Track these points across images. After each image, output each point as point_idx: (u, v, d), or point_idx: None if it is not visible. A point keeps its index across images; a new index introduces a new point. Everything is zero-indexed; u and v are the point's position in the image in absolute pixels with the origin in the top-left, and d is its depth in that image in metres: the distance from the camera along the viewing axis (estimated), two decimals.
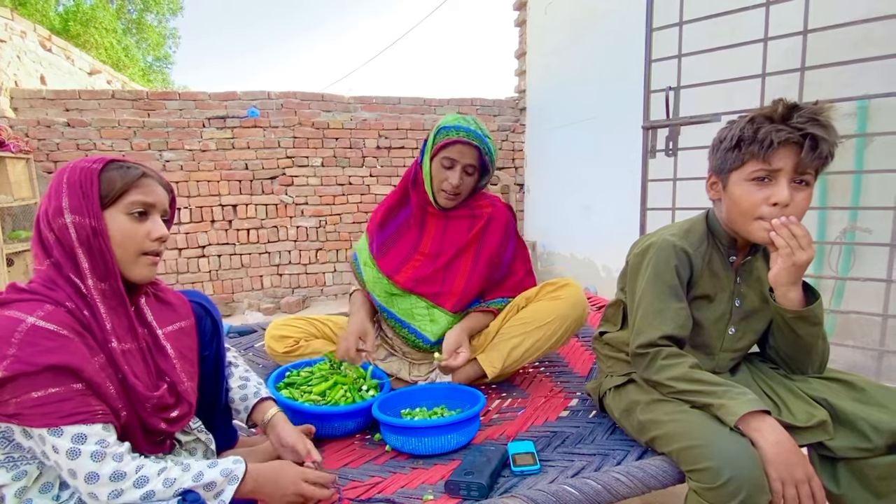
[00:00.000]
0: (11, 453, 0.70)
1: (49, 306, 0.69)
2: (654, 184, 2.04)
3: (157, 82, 11.43)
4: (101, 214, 0.73)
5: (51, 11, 8.46)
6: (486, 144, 1.30)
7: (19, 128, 3.33)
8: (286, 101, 3.88)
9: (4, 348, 0.64)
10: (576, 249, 3.64)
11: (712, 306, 1.01)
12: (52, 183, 0.74)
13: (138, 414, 0.76)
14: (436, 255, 1.38)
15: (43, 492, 0.72)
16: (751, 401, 0.84)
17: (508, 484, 0.91)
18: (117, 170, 0.75)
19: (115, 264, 0.74)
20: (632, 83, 2.40)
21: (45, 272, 0.73)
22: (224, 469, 0.74)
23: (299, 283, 3.93)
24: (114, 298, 0.75)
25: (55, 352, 0.66)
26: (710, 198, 1.01)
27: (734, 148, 0.90)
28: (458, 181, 1.30)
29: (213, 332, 0.94)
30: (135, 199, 0.75)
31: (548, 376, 1.48)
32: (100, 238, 0.72)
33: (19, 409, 0.65)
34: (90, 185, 0.73)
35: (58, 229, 0.72)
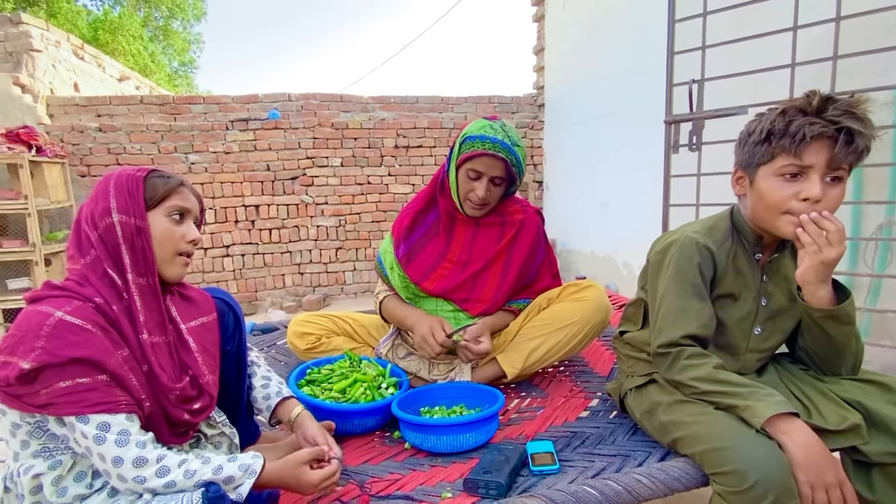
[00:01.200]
0: (47, 444, 0.74)
1: (77, 302, 0.72)
2: (676, 179, 1.99)
3: (182, 87, 11.74)
4: (146, 215, 0.79)
5: (81, 21, 8.78)
6: (513, 155, 1.23)
7: (55, 134, 3.47)
8: (306, 103, 3.94)
9: (33, 341, 0.68)
10: (596, 247, 3.59)
11: (737, 305, 0.98)
12: (97, 188, 0.80)
13: (162, 405, 0.79)
14: (465, 264, 1.35)
15: (77, 480, 0.75)
16: (778, 402, 0.82)
17: (527, 483, 0.90)
18: (159, 178, 0.82)
19: (154, 262, 0.79)
20: (653, 77, 2.35)
21: (80, 270, 0.76)
22: (242, 464, 0.76)
23: (320, 281, 3.99)
24: (149, 294, 0.79)
25: (79, 345, 0.69)
26: (736, 193, 0.97)
27: (763, 141, 0.86)
28: (484, 193, 1.26)
29: (235, 328, 0.97)
30: (174, 203, 0.82)
31: (567, 376, 1.46)
32: (143, 237, 0.78)
33: (50, 399, 0.68)
34: (136, 189, 0.79)
35: (103, 228, 0.77)
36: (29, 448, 0.73)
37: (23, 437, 0.73)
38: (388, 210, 4.00)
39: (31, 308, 0.71)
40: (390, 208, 4.00)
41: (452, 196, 1.32)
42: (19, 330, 0.69)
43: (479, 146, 1.22)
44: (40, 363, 0.67)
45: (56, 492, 0.74)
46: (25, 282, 3.11)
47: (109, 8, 9.83)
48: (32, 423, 0.73)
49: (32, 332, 0.68)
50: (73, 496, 0.75)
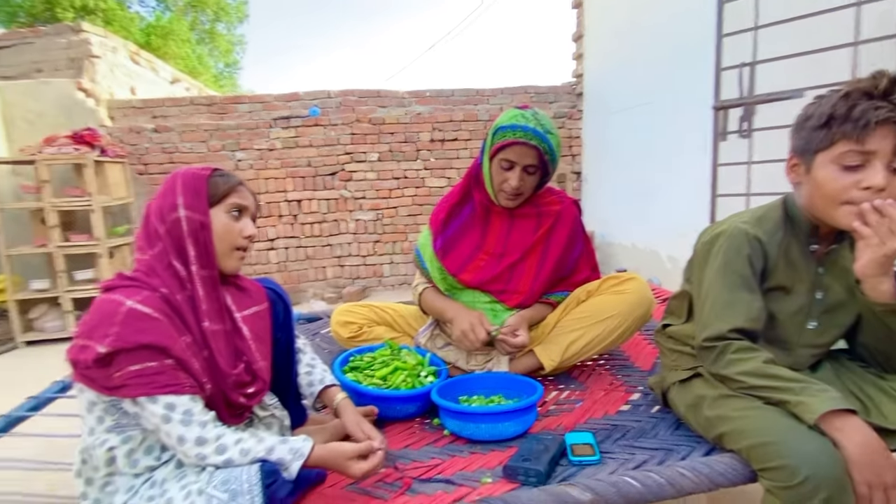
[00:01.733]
0: (120, 420, 0.81)
1: (146, 292, 0.79)
2: (724, 168, 1.91)
3: (227, 87, 12.23)
4: (209, 212, 0.85)
5: (134, 27, 9.29)
6: (546, 143, 1.22)
7: (115, 135, 3.71)
8: (344, 99, 4.02)
9: (108, 327, 0.74)
10: (637, 239, 3.49)
11: (789, 298, 0.94)
12: (165, 184, 0.86)
13: (220, 388, 0.84)
14: (501, 255, 1.35)
15: (147, 453, 0.82)
16: (833, 398, 0.78)
17: (567, 473, 0.91)
18: (220, 176, 0.88)
19: (214, 255, 0.85)
20: (699, 61, 2.25)
21: (147, 261, 0.83)
22: (293, 447, 0.81)
23: (359, 273, 4.09)
24: (210, 284, 0.85)
25: (148, 332, 0.75)
26: (791, 181, 0.92)
27: (823, 126, 0.81)
28: (517, 183, 1.25)
29: (285, 317, 1.03)
30: (234, 201, 0.87)
31: (608, 370, 1.45)
32: (206, 231, 0.84)
33: (123, 382, 0.75)
34: (201, 187, 0.85)
35: (171, 222, 0.83)
36: (103, 423, 0.81)
37: (98, 414, 0.80)
38: (423, 203, 4.04)
39: (106, 297, 0.78)
40: (426, 202, 4.04)
41: (487, 188, 1.32)
42: (95, 317, 0.76)
43: (511, 135, 1.21)
44: (114, 348, 0.73)
45: (128, 463, 0.81)
46: (91, 273, 3.35)
47: (160, 13, 10.35)
48: (107, 402, 0.80)
49: (107, 319, 0.75)
50: (143, 467, 0.82)
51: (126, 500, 0.80)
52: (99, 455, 0.80)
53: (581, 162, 4.19)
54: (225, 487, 0.74)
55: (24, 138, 3.57)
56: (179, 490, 0.76)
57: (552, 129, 1.24)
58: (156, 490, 0.79)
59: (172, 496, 0.76)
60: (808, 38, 1.68)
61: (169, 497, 0.76)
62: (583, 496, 0.80)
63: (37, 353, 3.14)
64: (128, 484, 0.81)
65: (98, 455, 0.80)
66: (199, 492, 0.74)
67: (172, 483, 0.79)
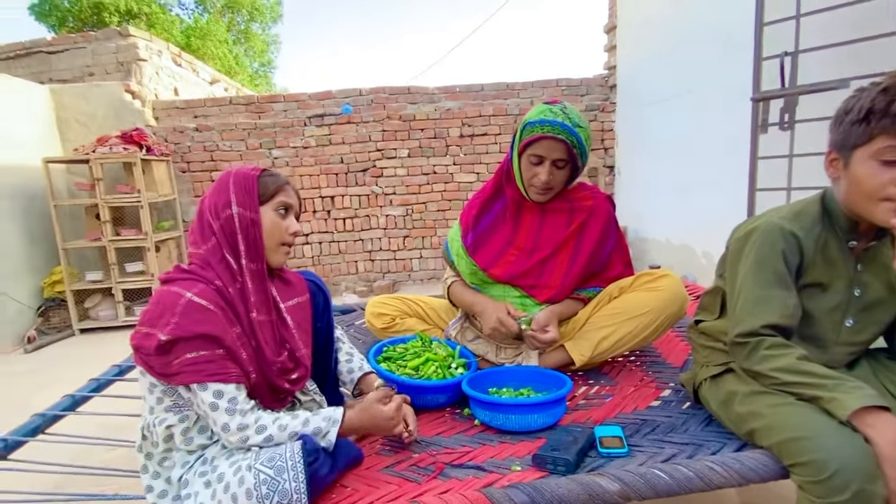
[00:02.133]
0: (177, 401, 0.88)
1: (202, 285, 0.85)
2: (764, 161, 1.85)
3: (263, 86, 12.56)
4: (259, 210, 0.90)
5: (175, 30, 9.67)
6: (574, 136, 1.22)
7: (160, 134, 3.91)
8: (376, 97, 4.09)
9: (169, 317, 0.81)
10: (672, 235, 3.41)
11: (826, 296, 0.92)
12: (219, 183, 0.92)
13: (266, 375, 0.91)
14: (531, 251, 1.36)
15: (200, 432, 0.90)
16: (866, 395, 0.77)
17: (595, 464, 0.92)
18: (269, 176, 0.94)
19: (263, 250, 0.91)
20: (737, 51, 2.18)
21: (202, 255, 0.89)
22: (325, 416, 0.88)
23: (389, 268, 4.16)
24: (258, 277, 0.91)
25: (204, 323, 0.82)
26: (829, 176, 0.90)
27: (862, 121, 0.80)
28: (547, 177, 1.26)
29: (325, 307, 1.09)
30: (281, 199, 0.93)
31: (638, 366, 1.44)
32: (256, 228, 0.90)
33: (179, 369, 0.82)
34: (252, 186, 0.91)
35: (224, 219, 0.89)
36: (163, 404, 0.88)
37: (158, 395, 0.88)
38: (452, 199, 4.07)
39: (166, 288, 0.85)
40: (455, 197, 4.07)
41: (517, 183, 1.33)
42: (157, 307, 0.83)
43: (539, 130, 1.22)
44: (174, 336, 0.80)
45: (184, 441, 0.88)
46: (140, 266, 3.55)
47: (199, 15, 10.73)
48: (166, 385, 0.87)
49: (168, 309, 0.82)
50: (197, 445, 0.89)
51: (181, 475, 0.88)
52: (158, 432, 0.87)
53: (614, 156, 4.12)
54: (271, 464, 0.80)
55: (78, 139, 3.81)
56: (229, 466, 0.83)
57: (581, 123, 1.24)
58: (208, 466, 0.86)
59: (223, 471, 0.82)
60: (853, 27, 1.60)
61: (220, 472, 0.83)
62: (611, 486, 0.81)
63: (92, 340, 3.36)
64: (183, 459, 0.89)
65: (158, 432, 0.87)
66: (248, 468, 0.81)
67: (222, 460, 0.86)
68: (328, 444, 0.86)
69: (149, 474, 0.90)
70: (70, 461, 1.20)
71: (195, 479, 0.85)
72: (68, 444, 1.21)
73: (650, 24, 3.48)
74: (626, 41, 3.87)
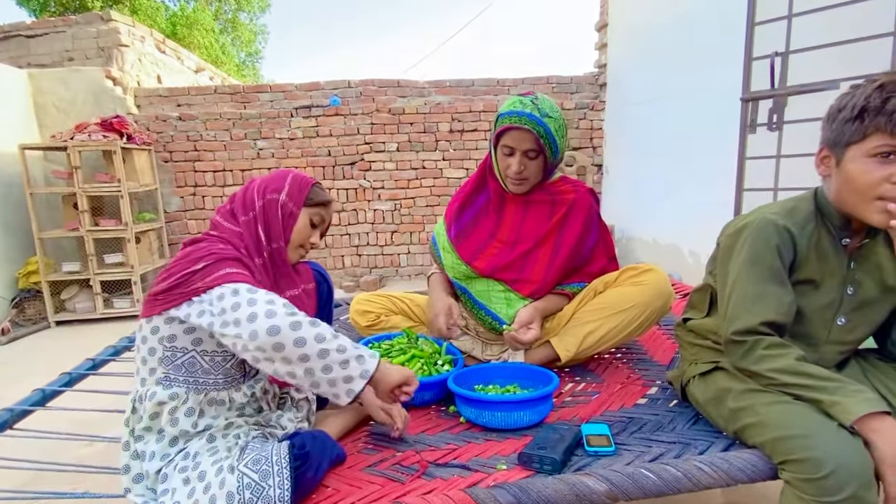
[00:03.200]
0: (169, 373, 0.86)
1: (230, 246, 0.90)
2: (752, 161, 1.86)
3: (250, 76, 12.35)
4: (301, 208, 0.99)
5: (160, 17, 9.44)
6: (542, 126, 1.22)
7: (141, 122, 3.80)
8: (364, 89, 4.03)
9: (201, 257, 0.84)
10: (659, 234, 3.43)
11: (818, 293, 0.91)
12: (276, 174, 1.01)
13: None
14: (514, 243, 1.36)
15: (186, 415, 0.86)
16: (870, 400, 0.77)
17: (582, 463, 0.91)
18: (321, 190, 1.04)
19: (287, 238, 0.98)
20: (728, 51, 2.18)
21: (233, 229, 0.94)
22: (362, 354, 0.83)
23: (376, 263, 4.12)
24: (278, 256, 0.97)
25: (233, 261, 0.87)
26: (820, 174, 0.90)
27: (856, 118, 0.79)
28: (518, 167, 1.26)
29: (328, 298, 1.12)
30: (318, 211, 1.02)
31: (625, 363, 1.44)
32: (292, 219, 0.98)
33: (214, 279, 0.81)
34: (305, 187, 1.00)
35: (269, 200, 0.96)
36: (154, 375, 0.86)
37: (152, 366, 0.86)
38: (441, 194, 4.04)
39: (194, 246, 0.88)
40: (444, 192, 4.04)
41: (497, 175, 1.34)
42: (185, 259, 0.84)
43: (507, 121, 1.23)
44: (213, 260, 0.84)
45: (170, 421, 0.85)
46: (119, 257, 3.46)
47: (185, 3, 10.49)
48: (168, 347, 0.85)
49: (197, 258, 0.83)
50: (180, 430, 0.85)
51: (160, 467, 0.84)
52: (147, 407, 0.85)
53: (602, 154, 4.13)
54: (256, 468, 0.77)
55: (56, 125, 3.69)
56: (212, 465, 0.80)
57: (551, 114, 1.24)
58: (189, 461, 0.83)
59: (205, 469, 0.79)
60: (844, 28, 1.61)
61: (202, 470, 0.79)
62: (598, 486, 0.80)
63: (68, 333, 3.27)
64: (162, 451, 0.85)
65: (146, 407, 0.85)
66: (230, 468, 0.77)
67: (205, 456, 0.82)
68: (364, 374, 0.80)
69: (129, 452, 0.86)
70: (39, 458, 1.15)
71: (174, 475, 0.81)
72: (38, 439, 1.17)
73: (641, 22, 3.49)
74: (617, 40, 3.88)
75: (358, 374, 0.80)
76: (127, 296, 3.51)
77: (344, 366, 0.79)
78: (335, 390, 0.79)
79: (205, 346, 0.86)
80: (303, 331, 0.76)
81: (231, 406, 0.91)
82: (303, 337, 0.76)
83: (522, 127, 1.22)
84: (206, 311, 0.80)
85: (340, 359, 0.79)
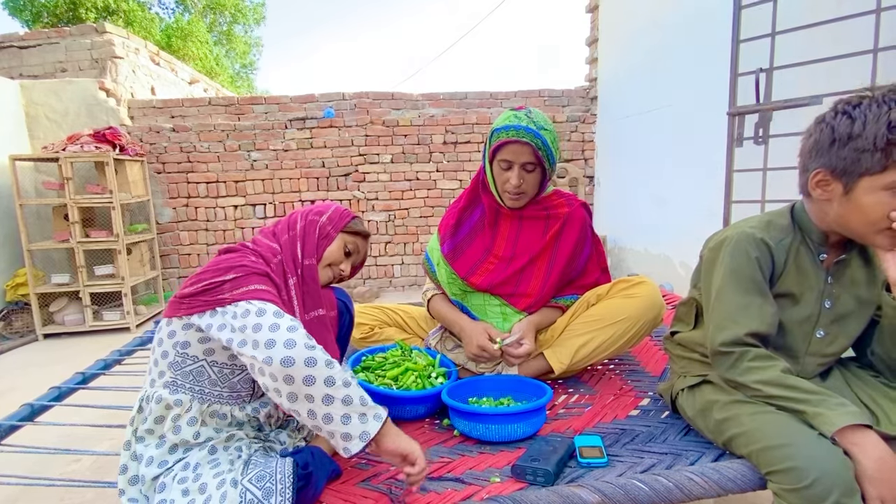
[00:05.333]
0: (177, 378, 0.86)
1: (262, 259, 0.93)
2: (740, 174, 1.90)
3: (244, 88, 12.39)
4: (337, 234, 1.05)
5: (155, 29, 9.47)
6: (539, 139, 1.22)
7: (135, 134, 3.80)
8: (359, 101, 4.07)
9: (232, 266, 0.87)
10: (650, 245, 3.47)
11: (797, 307, 0.93)
12: (323, 204, 1.10)
13: None
14: (510, 259, 1.37)
15: (189, 424, 0.86)
16: (852, 412, 0.78)
17: (575, 474, 0.91)
18: (359, 223, 1.11)
19: (319, 256, 1.03)
20: (714, 66, 2.24)
21: (273, 246, 0.98)
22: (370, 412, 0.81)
23: (370, 274, 4.12)
24: (309, 274, 1.00)
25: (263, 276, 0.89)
26: (817, 196, 0.88)
27: (877, 150, 0.76)
28: (517, 181, 1.27)
29: (348, 328, 1.13)
30: (354, 240, 1.08)
31: (618, 374, 1.45)
32: (327, 241, 1.04)
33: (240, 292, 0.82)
34: (346, 217, 1.08)
35: (309, 221, 1.04)
36: (163, 378, 0.86)
37: (162, 368, 0.86)
38: (435, 206, 4.07)
39: (227, 255, 0.92)
40: (438, 204, 4.06)
41: (492, 191, 1.34)
42: (217, 265, 0.86)
43: (505, 135, 1.23)
44: (243, 273, 0.86)
45: (173, 428, 0.85)
46: (110, 269, 3.43)
47: (180, 15, 10.54)
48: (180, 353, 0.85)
49: (229, 267, 0.86)
50: (180, 439, 0.85)
51: (157, 474, 0.83)
52: (153, 409, 0.85)
53: (594, 166, 4.18)
54: (260, 484, 0.76)
55: (48, 136, 3.68)
56: (213, 477, 0.79)
57: (546, 126, 1.25)
58: (188, 472, 0.81)
59: (206, 482, 0.78)
60: (826, 45, 1.66)
61: (203, 483, 0.79)
62: (591, 497, 0.81)
63: (56, 346, 3.22)
64: (161, 458, 0.84)
65: (151, 408, 0.85)
66: (233, 482, 0.77)
67: (206, 468, 0.81)
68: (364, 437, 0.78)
69: (129, 452, 0.86)
70: (27, 473, 1.13)
71: (173, 486, 0.80)
72: (26, 454, 1.15)
73: (631, 38, 3.56)
74: (607, 54, 3.95)
75: (357, 434, 0.78)
76: (117, 308, 3.48)
77: (345, 420, 0.77)
78: (334, 442, 0.79)
79: (215, 357, 0.87)
80: (315, 369, 0.75)
81: (232, 422, 0.90)
82: (313, 375, 0.75)
83: (521, 140, 1.22)
84: (227, 324, 0.81)
85: (342, 412, 0.77)
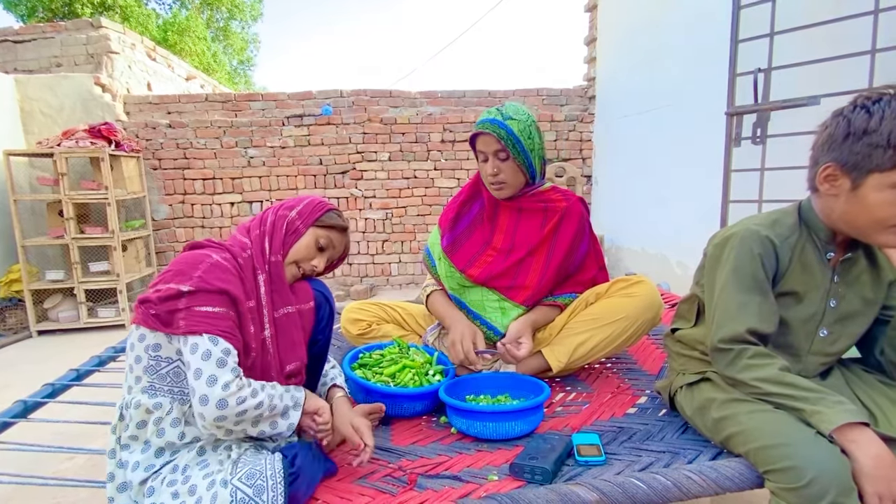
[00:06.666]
0: (154, 382, 0.85)
1: (229, 255, 0.90)
2: (737, 174, 1.90)
3: (241, 84, 12.33)
4: (309, 227, 1.00)
5: (151, 24, 9.41)
6: (503, 128, 1.25)
7: (131, 130, 3.77)
8: (357, 99, 4.05)
9: (192, 272, 0.83)
10: (647, 244, 3.48)
11: (801, 305, 0.93)
12: (297, 197, 1.05)
13: (264, 359, 0.91)
14: (508, 251, 1.38)
15: (172, 426, 0.85)
16: (850, 411, 0.78)
17: (573, 472, 0.91)
18: (336, 215, 1.05)
19: (284, 252, 0.98)
20: (713, 66, 2.24)
21: (244, 241, 0.96)
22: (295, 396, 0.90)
23: (367, 272, 4.11)
24: (275, 270, 0.96)
25: (227, 282, 0.85)
26: (823, 191, 0.87)
27: (892, 147, 0.76)
28: (492, 170, 1.30)
29: (329, 319, 1.09)
30: (327, 234, 1.02)
31: (615, 373, 1.45)
32: (294, 235, 1.00)
33: (187, 317, 0.80)
34: (318, 209, 1.02)
35: (279, 216, 1.00)
36: (140, 383, 0.85)
37: (137, 374, 0.85)
38: (433, 204, 4.06)
39: (192, 252, 0.87)
40: (436, 202, 4.06)
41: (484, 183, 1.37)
42: (180, 265, 0.84)
43: (476, 129, 1.30)
44: (196, 287, 0.81)
45: (156, 432, 0.84)
46: (105, 265, 3.41)
47: (177, 10, 10.48)
48: (153, 356, 0.84)
49: (193, 266, 0.83)
50: (166, 442, 0.84)
51: (145, 478, 0.82)
52: (132, 414, 0.84)
53: (592, 165, 4.18)
54: (250, 482, 0.76)
55: (43, 132, 3.64)
56: (203, 478, 0.78)
57: (515, 116, 1.28)
58: (177, 475, 0.81)
59: (196, 483, 0.78)
60: (824, 46, 1.67)
61: (192, 485, 0.78)
62: (589, 496, 0.80)
63: (50, 343, 3.20)
64: (147, 462, 0.83)
65: (132, 414, 0.84)
66: (223, 482, 0.76)
67: (195, 470, 0.81)
68: (290, 427, 0.88)
69: (115, 460, 0.85)
70: (20, 471, 1.12)
71: (162, 489, 0.79)
72: (19, 451, 1.14)
73: (629, 38, 3.56)
74: (606, 54, 3.95)
75: (285, 427, 0.89)
76: (112, 305, 3.45)
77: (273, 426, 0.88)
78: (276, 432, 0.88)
79: None
80: (245, 416, 0.82)
81: None
82: (243, 419, 0.82)
83: (485, 131, 1.28)
84: (180, 349, 0.83)
85: (269, 422, 0.87)
